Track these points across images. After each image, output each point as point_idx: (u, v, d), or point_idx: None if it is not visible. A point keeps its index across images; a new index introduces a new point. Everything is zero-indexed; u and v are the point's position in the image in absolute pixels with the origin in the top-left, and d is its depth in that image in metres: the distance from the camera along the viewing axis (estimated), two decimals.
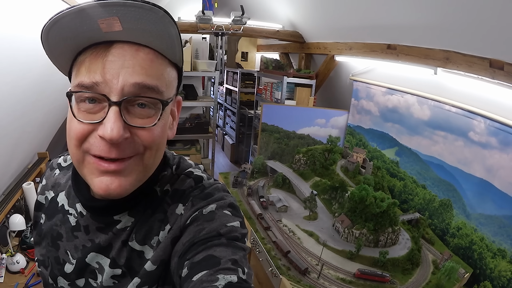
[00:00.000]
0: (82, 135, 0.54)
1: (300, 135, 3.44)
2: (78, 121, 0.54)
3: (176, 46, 0.56)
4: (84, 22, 0.49)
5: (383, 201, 2.24)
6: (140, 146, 0.56)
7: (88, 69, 0.52)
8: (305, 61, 4.02)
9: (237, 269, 0.53)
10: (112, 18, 0.49)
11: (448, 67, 2.05)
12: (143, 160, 0.57)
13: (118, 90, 0.52)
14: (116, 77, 0.52)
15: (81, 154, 0.56)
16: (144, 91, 0.54)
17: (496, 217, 1.88)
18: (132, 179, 0.57)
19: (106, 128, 0.51)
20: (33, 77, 1.85)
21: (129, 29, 0.51)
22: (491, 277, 1.87)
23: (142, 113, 0.55)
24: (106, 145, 0.53)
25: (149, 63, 0.54)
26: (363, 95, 3.09)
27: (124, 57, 0.52)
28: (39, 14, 1.54)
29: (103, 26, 0.50)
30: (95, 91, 0.52)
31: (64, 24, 0.50)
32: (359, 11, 2.57)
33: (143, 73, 0.53)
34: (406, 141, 2.64)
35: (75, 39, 0.52)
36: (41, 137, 2.69)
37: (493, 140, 1.91)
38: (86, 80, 0.52)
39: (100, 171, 0.55)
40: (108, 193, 0.55)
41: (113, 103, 0.52)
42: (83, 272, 0.67)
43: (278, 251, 2.17)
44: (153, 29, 0.51)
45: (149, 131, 0.56)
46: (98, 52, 0.52)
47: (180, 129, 3.89)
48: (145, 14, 0.49)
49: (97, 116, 0.54)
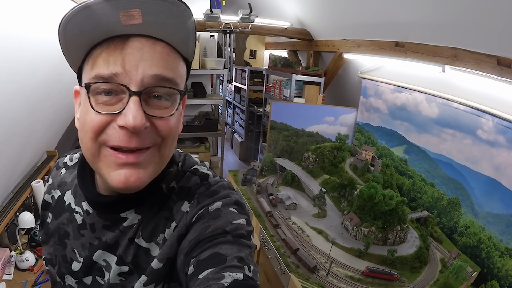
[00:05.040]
0: (99, 127, 0.54)
1: (309, 133, 3.45)
2: (96, 113, 0.54)
3: (190, 40, 0.58)
4: (105, 14, 0.50)
5: (392, 199, 2.25)
6: (158, 136, 0.57)
7: (106, 60, 0.53)
8: (314, 59, 4.01)
9: (243, 266, 0.53)
10: (134, 10, 0.50)
11: (456, 65, 2.04)
12: (159, 151, 0.58)
13: (138, 81, 0.53)
14: (136, 68, 0.53)
15: (97, 147, 0.56)
16: (162, 82, 0.55)
17: (504, 216, 1.88)
18: (149, 171, 0.58)
19: (128, 117, 0.52)
20: (42, 76, 1.86)
21: (148, 22, 0.51)
22: (498, 276, 1.86)
23: (159, 104, 0.56)
24: (126, 135, 0.53)
25: (165, 57, 0.55)
26: (372, 93, 3.09)
27: (142, 50, 0.53)
28: (48, 14, 1.56)
29: (123, 19, 0.50)
30: (114, 81, 0.53)
31: (84, 16, 0.50)
32: (367, 8, 2.56)
33: (161, 66, 0.54)
34: (414, 139, 2.63)
35: (92, 32, 0.53)
36: (50, 136, 2.71)
37: (501, 138, 1.90)
38: (105, 71, 0.53)
39: (118, 163, 0.55)
40: (127, 186, 0.55)
41: (134, 93, 0.53)
42: (90, 270, 0.68)
43: (287, 249, 2.20)
44: (172, 22, 0.53)
45: (166, 121, 0.57)
46: (116, 45, 0.53)
47: (189, 127, 3.92)
48: (167, 7, 0.50)
49: (115, 107, 0.54)
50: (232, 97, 7.10)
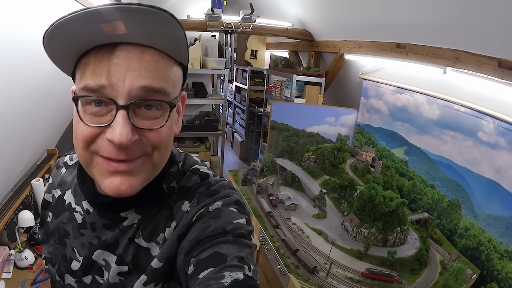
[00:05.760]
0: (89, 138, 0.54)
1: (310, 133, 3.45)
2: (85, 125, 0.53)
3: (182, 47, 0.55)
4: (87, 26, 0.49)
5: (392, 201, 2.25)
6: (148, 146, 0.56)
7: (93, 72, 0.52)
8: (315, 59, 4.01)
9: (243, 266, 0.53)
10: (116, 22, 0.48)
11: (458, 67, 2.04)
12: (151, 159, 0.58)
13: (125, 94, 0.51)
14: (122, 80, 0.51)
15: (89, 155, 0.55)
16: (150, 93, 0.53)
17: (504, 218, 1.88)
18: (141, 178, 0.57)
19: (115, 133, 0.51)
20: (42, 75, 1.85)
21: (133, 31, 0.50)
22: (498, 279, 1.87)
23: (149, 114, 0.55)
24: (114, 148, 0.53)
25: (155, 65, 0.53)
26: (373, 94, 3.09)
27: (130, 60, 0.52)
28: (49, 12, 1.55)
29: (106, 29, 0.49)
30: (101, 94, 0.52)
31: (66, 29, 0.49)
32: (369, 9, 2.57)
33: (149, 76, 0.52)
34: (415, 140, 2.63)
35: (77, 42, 0.52)
36: (50, 134, 2.70)
37: (502, 140, 1.90)
38: (91, 83, 0.51)
39: (110, 171, 0.55)
40: (119, 193, 0.55)
41: (121, 107, 0.51)
42: (90, 269, 0.68)
43: (287, 249, 2.20)
44: (159, 31, 0.51)
45: (157, 132, 0.56)
46: (103, 54, 0.52)
47: (190, 126, 3.93)
48: (150, 17, 0.48)
49: (104, 119, 0.53)
50: (233, 97, 7.10)
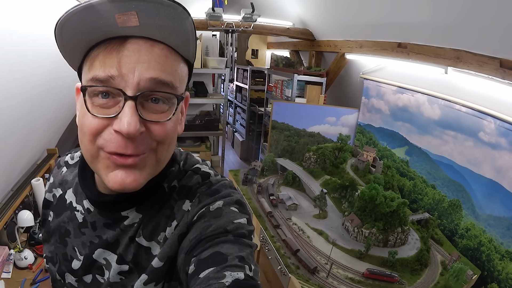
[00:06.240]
0: (96, 130, 0.54)
1: (311, 133, 3.44)
2: (92, 116, 0.53)
3: (190, 42, 0.56)
4: (100, 17, 0.49)
5: (393, 201, 2.24)
6: (154, 141, 0.56)
7: (103, 63, 0.52)
8: (316, 59, 4.01)
9: (244, 266, 0.53)
10: (130, 13, 0.49)
11: (459, 67, 2.03)
12: (156, 154, 0.58)
13: (134, 85, 0.52)
14: (132, 71, 0.52)
15: (96, 149, 0.55)
16: (159, 86, 0.54)
17: (505, 219, 1.87)
18: (146, 173, 0.58)
19: (123, 123, 0.51)
20: (42, 74, 1.85)
21: (145, 24, 0.50)
22: (498, 279, 1.86)
23: (156, 108, 0.55)
24: (122, 140, 0.53)
25: (164, 59, 0.54)
26: (374, 94, 3.08)
27: (140, 52, 0.52)
28: (49, 11, 1.56)
29: (120, 21, 0.49)
30: (110, 85, 0.52)
31: (79, 18, 0.49)
32: (370, 9, 2.56)
33: (159, 69, 0.53)
34: (416, 140, 2.62)
35: (89, 33, 0.52)
36: (50, 134, 2.70)
37: (503, 140, 1.89)
38: (101, 74, 0.52)
39: (115, 165, 0.55)
40: (124, 187, 0.55)
41: (129, 98, 0.52)
42: (90, 268, 0.68)
43: (288, 250, 2.20)
44: (170, 25, 0.51)
45: (163, 126, 0.56)
46: (113, 46, 0.52)
47: (190, 126, 3.92)
48: (163, 10, 0.49)
49: (111, 110, 0.53)
50: (234, 97, 7.10)
